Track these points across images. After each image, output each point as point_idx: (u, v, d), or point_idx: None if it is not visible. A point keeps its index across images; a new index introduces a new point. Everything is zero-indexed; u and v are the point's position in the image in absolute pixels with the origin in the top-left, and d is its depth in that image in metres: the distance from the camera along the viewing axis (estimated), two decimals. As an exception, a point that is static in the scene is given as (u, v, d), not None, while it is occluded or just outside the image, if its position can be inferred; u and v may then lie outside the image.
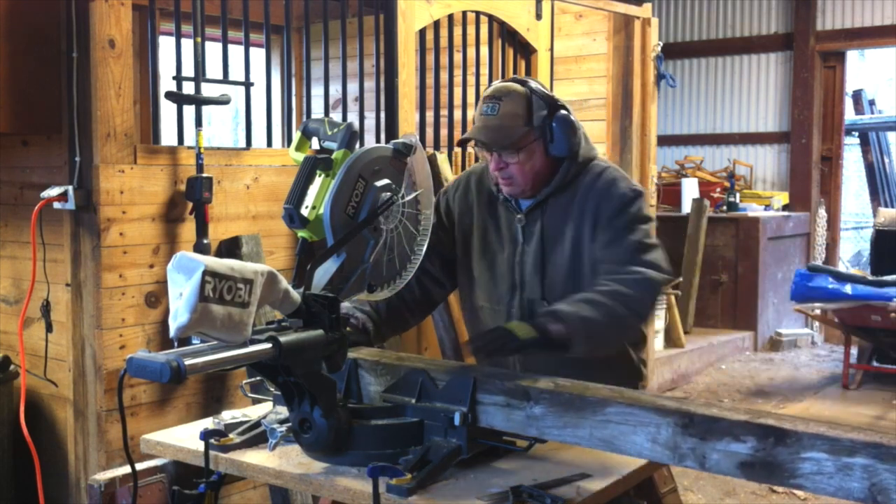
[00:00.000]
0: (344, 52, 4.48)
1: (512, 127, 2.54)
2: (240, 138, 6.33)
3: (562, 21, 6.31)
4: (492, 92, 2.60)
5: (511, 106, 2.54)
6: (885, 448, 1.61)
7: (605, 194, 2.56)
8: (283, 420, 2.22)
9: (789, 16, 8.79)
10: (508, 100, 2.55)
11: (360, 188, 2.22)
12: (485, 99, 2.59)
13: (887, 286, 6.54)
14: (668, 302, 7.24)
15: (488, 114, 2.56)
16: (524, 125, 2.54)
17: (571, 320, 2.30)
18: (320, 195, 2.21)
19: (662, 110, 8.93)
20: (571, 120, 2.57)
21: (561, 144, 2.56)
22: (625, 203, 2.54)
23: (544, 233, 2.61)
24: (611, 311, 2.36)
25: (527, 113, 2.55)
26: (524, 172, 2.58)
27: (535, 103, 2.55)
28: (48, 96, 3.40)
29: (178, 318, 1.82)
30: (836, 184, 9.05)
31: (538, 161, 2.58)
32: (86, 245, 3.40)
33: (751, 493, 4.74)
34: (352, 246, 2.22)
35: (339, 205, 2.18)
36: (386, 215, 2.28)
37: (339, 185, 2.19)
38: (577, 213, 2.58)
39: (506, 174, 2.59)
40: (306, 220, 2.20)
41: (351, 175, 2.21)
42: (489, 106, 2.56)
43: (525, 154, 2.56)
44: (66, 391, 3.53)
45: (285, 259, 4.00)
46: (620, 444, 1.93)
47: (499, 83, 2.64)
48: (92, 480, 2.30)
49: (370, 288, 2.29)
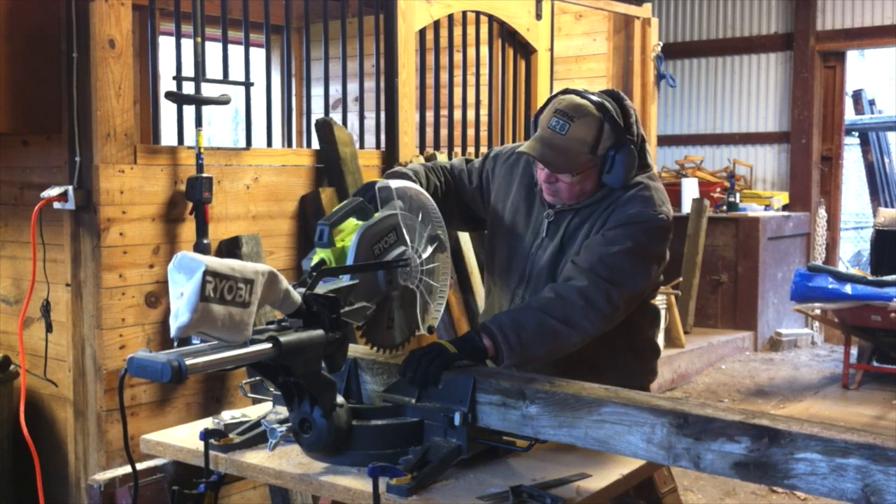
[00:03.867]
0: (344, 52, 4.49)
1: (577, 153, 2.43)
2: (240, 138, 6.34)
3: (562, 21, 6.32)
4: (566, 107, 2.45)
5: (582, 131, 2.42)
6: (879, 449, 1.62)
7: (621, 209, 2.47)
8: (283, 420, 2.22)
9: (789, 16, 8.79)
10: (581, 123, 2.42)
11: (391, 239, 2.27)
12: (556, 112, 2.45)
13: (887, 286, 6.54)
14: (668, 302, 7.24)
15: (556, 130, 2.43)
16: (588, 153, 2.44)
17: (498, 336, 2.29)
18: (353, 229, 2.25)
19: (662, 110, 8.93)
20: (635, 155, 2.47)
21: (618, 177, 2.46)
22: (630, 220, 2.44)
23: (565, 235, 2.55)
24: (542, 323, 2.31)
25: (595, 141, 2.44)
26: (572, 192, 2.51)
27: (606, 132, 2.44)
28: (48, 96, 3.41)
29: (178, 317, 1.82)
30: (836, 184, 9.05)
31: (589, 185, 2.50)
32: (86, 245, 3.40)
33: (751, 493, 4.74)
34: (365, 281, 2.22)
35: (368, 240, 2.22)
36: (403, 276, 2.30)
37: (373, 223, 2.24)
38: (591, 222, 2.52)
39: (553, 188, 2.52)
40: (333, 243, 2.21)
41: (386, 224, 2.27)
42: (559, 123, 2.43)
43: (580, 178, 2.48)
44: (66, 391, 3.54)
45: (285, 259, 4.01)
46: (615, 444, 1.94)
47: (575, 96, 2.49)
48: (92, 480, 2.31)
49: (360, 328, 2.29)
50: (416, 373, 2.18)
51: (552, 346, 2.34)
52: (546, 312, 2.33)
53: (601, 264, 2.38)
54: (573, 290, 2.35)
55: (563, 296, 2.35)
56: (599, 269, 2.37)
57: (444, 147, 5.01)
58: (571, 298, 2.34)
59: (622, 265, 2.39)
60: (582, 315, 2.33)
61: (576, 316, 2.33)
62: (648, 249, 2.45)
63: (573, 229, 2.54)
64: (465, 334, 2.36)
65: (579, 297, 2.34)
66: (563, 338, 2.34)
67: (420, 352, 2.22)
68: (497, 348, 2.29)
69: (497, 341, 2.29)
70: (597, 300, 2.35)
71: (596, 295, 2.35)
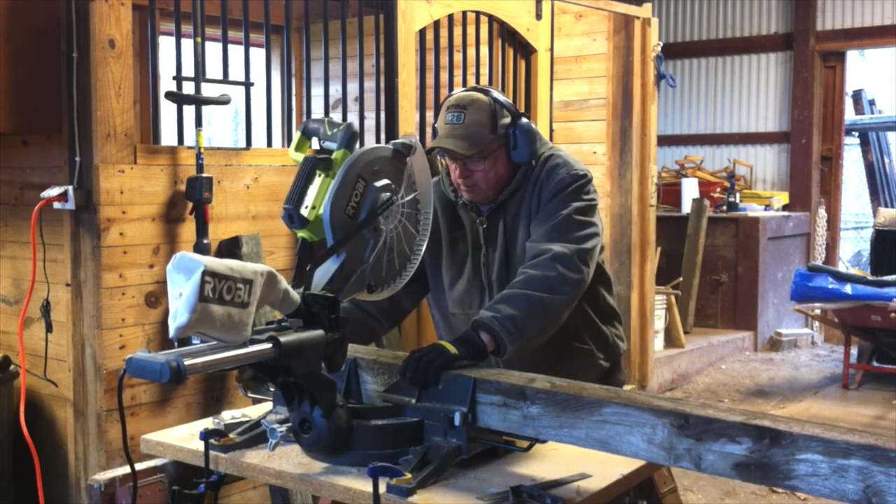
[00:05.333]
0: (344, 52, 4.49)
1: (479, 135, 2.58)
2: (240, 138, 6.33)
3: (562, 21, 6.32)
4: (455, 101, 2.63)
5: (476, 115, 2.58)
6: (881, 450, 1.61)
7: (546, 181, 2.60)
8: (283, 420, 2.22)
9: (789, 16, 8.79)
10: (473, 108, 2.59)
11: (359, 188, 2.23)
12: (449, 108, 2.62)
13: (887, 286, 6.55)
14: (668, 302, 7.24)
15: (454, 122, 2.59)
16: (490, 133, 2.59)
17: (494, 325, 2.31)
18: (320, 195, 2.21)
19: (662, 110, 8.93)
20: (533, 127, 2.63)
21: (524, 151, 2.62)
22: (562, 186, 2.57)
23: (506, 233, 2.66)
24: (529, 300, 2.37)
25: (491, 121, 2.60)
26: (488, 179, 2.63)
27: (499, 112, 2.61)
28: (48, 96, 3.41)
29: (177, 318, 1.82)
30: (836, 184, 9.05)
31: (501, 168, 2.63)
32: (86, 245, 3.40)
33: (751, 494, 4.74)
34: (352, 246, 2.22)
35: (338, 205, 2.19)
36: (385, 215, 2.28)
37: (338, 185, 2.19)
38: (527, 207, 2.63)
39: (470, 182, 2.63)
40: (306, 221, 2.20)
41: (350, 175, 2.21)
42: (454, 115, 2.60)
43: (490, 161, 2.61)
44: (66, 391, 3.54)
45: (285, 259, 4.01)
46: (616, 445, 1.94)
47: (460, 92, 2.68)
48: (92, 480, 2.30)
49: (370, 288, 2.30)
50: (416, 374, 2.19)
51: (545, 320, 2.41)
52: (529, 289, 2.40)
53: (556, 232, 2.50)
54: (545, 263, 2.44)
55: (538, 269, 2.43)
56: (557, 237, 2.49)
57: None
58: (546, 269, 2.43)
59: (575, 227, 2.52)
60: (562, 281, 2.43)
61: (556, 284, 2.42)
62: (587, 204, 2.59)
63: (511, 222, 2.65)
64: (463, 334, 2.37)
65: (552, 266, 2.43)
66: (553, 309, 2.42)
67: (420, 353, 2.23)
68: (497, 339, 2.32)
69: (495, 332, 2.31)
70: (568, 264, 2.45)
71: (565, 260, 2.45)
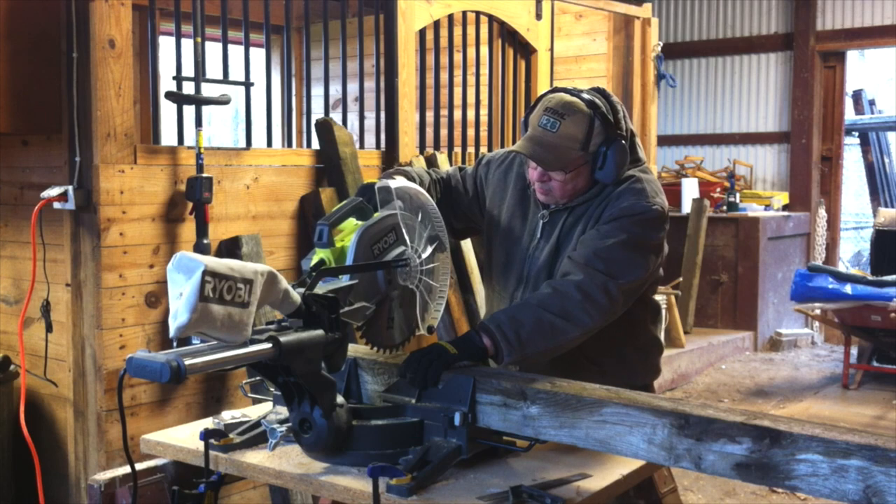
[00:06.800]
0: (344, 52, 4.49)
1: (567, 149, 2.43)
2: (240, 138, 6.34)
3: (562, 21, 6.32)
4: (555, 104, 2.46)
5: (571, 128, 2.43)
6: (881, 450, 1.62)
7: (615, 203, 2.46)
8: (283, 420, 2.22)
9: (789, 16, 8.79)
10: (571, 120, 2.43)
11: (391, 238, 2.27)
12: (546, 110, 2.46)
13: (887, 286, 6.54)
14: (668, 302, 7.24)
15: (546, 128, 2.43)
16: (579, 150, 2.44)
17: (497, 333, 2.28)
18: (353, 229, 2.26)
19: (662, 110, 8.93)
20: (626, 150, 2.47)
21: (609, 173, 2.46)
22: (623, 213, 2.43)
23: (560, 235, 2.55)
24: (540, 319, 2.30)
25: (585, 138, 2.44)
26: (565, 190, 2.51)
27: (596, 129, 2.44)
28: (48, 96, 3.41)
29: (177, 317, 1.82)
30: (836, 184, 9.05)
31: (581, 182, 2.50)
32: (86, 245, 3.40)
33: (751, 494, 4.74)
34: (365, 281, 2.22)
35: (367, 240, 2.22)
36: (403, 276, 2.30)
37: (373, 223, 2.24)
38: (587, 219, 2.52)
39: (546, 187, 2.52)
40: (333, 243, 2.21)
41: (385, 224, 2.27)
42: (549, 120, 2.43)
43: (572, 175, 2.48)
44: (66, 391, 3.54)
45: (285, 259, 4.01)
46: (616, 445, 1.94)
47: (564, 94, 2.49)
48: (92, 480, 2.30)
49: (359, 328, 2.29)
50: (416, 374, 2.18)
51: (551, 341, 2.33)
52: (544, 308, 2.32)
53: (597, 258, 2.38)
54: (570, 285, 2.35)
55: (560, 291, 2.35)
56: (595, 263, 2.37)
57: (444, 147, 5.01)
58: (569, 293, 2.34)
59: (618, 257, 2.39)
60: (580, 309, 2.33)
61: (574, 310, 2.33)
62: (644, 240, 2.44)
63: (568, 228, 2.54)
64: (464, 334, 2.35)
65: (577, 291, 2.34)
66: (562, 333, 2.33)
67: (420, 353, 2.22)
68: (497, 347, 2.29)
69: (496, 339, 2.29)
70: (594, 293, 2.34)
71: (593, 288, 2.34)
